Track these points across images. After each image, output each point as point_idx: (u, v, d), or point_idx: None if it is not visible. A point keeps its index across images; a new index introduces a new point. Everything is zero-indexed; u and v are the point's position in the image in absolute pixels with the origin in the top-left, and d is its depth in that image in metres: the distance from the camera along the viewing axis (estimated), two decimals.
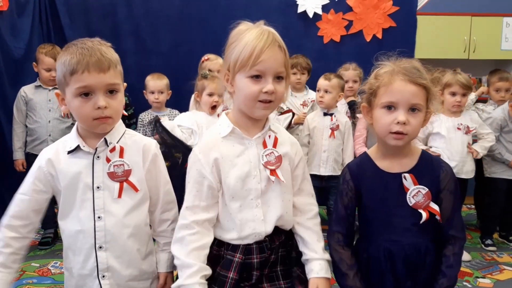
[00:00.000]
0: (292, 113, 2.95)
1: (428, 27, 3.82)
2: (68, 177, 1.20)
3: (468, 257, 2.86)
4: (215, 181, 1.18)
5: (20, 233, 1.23)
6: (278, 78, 1.16)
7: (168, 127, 2.32)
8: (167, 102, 3.16)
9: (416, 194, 1.21)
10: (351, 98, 3.19)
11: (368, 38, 3.81)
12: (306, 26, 3.82)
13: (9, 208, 1.23)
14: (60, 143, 1.25)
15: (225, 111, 1.26)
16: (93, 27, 3.70)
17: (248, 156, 1.19)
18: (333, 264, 1.28)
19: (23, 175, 3.14)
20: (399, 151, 1.25)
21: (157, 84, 3.06)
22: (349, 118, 2.98)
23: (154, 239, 1.35)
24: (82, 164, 1.20)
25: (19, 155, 2.94)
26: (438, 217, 1.21)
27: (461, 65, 3.12)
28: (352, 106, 3.07)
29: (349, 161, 1.91)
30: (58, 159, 1.22)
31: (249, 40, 1.12)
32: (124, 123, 1.30)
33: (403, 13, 3.76)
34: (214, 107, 2.46)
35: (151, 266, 1.31)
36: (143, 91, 3.14)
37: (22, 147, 2.96)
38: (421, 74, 1.19)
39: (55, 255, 2.84)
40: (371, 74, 1.27)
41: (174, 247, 1.19)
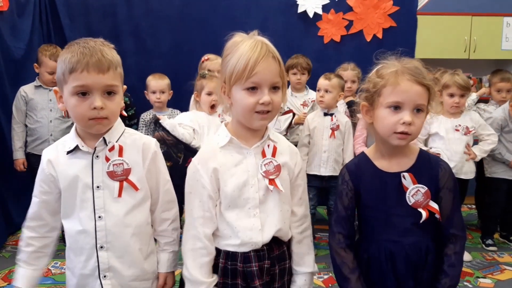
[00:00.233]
0: (292, 113, 2.96)
1: (429, 27, 3.82)
2: (68, 177, 1.20)
3: (469, 257, 2.86)
4: (214, 191, 1.18)
5: (38, 232, 1.28)
6: (274, 88, 1.15)
7: (169, 126, 2.32)
8: (168, 102, 3.17)
9: (415, 193, 1.20)
10: (349, 98, 3.18)
11: (368, 38, 3.80)
12: (306, 26, 3.81)
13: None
14: (60, 143, 1.25)
15: (224, 122, 1.26)
16: (93, 27, 3.70)
17: (246, 165, 1.19)
18: (334, 267, 1.27)
19: (23, 175, 3.13)
20: (397, 151, 1.24)
21: (158, 84, 3.05)
22: (348, 118, 2.98)
23: (155, 239, 1.34)
24: (81, 164, 1.20)
25: (19, 155, 2.93)
26: (437, 215, 1.20)
27: (461, 65, 3.12)
28: (350, 106, 3.06)
29: None
30: (57, 160, 1.22)
31: (243, 52, 1.12)
32: (124, 124, 1.30)
33: (403, 13, 3.75)
34: (213, 106, 2.47)
35: (153, 266, 1.30)
36: (144, 91, 3.14)
37: (23, 147, 2.95)
38: (424, 75, 1.18)
39: (55, 255, 2.82)
40: (371, 73, 1.26)
41: (186, 257, 1.20)
